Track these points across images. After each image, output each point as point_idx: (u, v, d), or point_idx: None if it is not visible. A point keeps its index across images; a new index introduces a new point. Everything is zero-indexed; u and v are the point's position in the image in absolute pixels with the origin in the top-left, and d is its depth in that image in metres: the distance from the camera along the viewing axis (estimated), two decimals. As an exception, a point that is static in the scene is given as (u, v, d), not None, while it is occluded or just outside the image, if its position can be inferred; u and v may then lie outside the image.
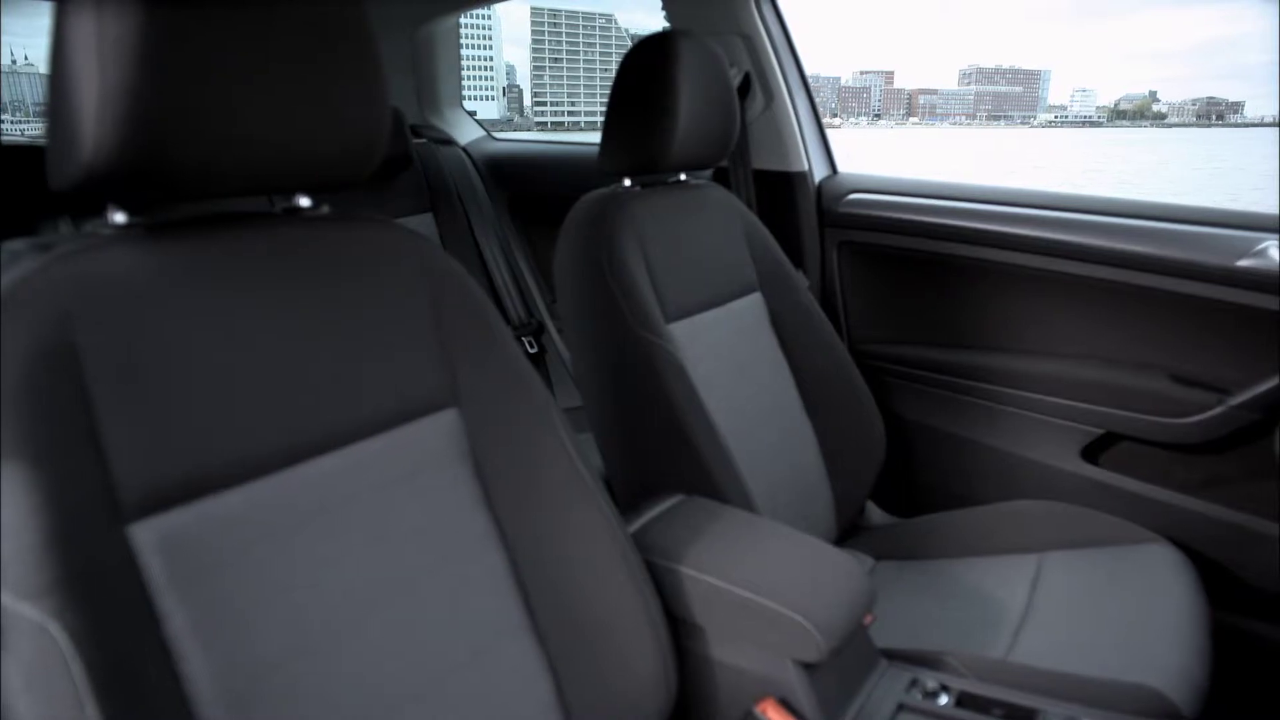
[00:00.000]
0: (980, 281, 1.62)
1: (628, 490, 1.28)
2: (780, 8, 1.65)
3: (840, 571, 0.96)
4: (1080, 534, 1.34)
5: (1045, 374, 1.55)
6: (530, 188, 2.38)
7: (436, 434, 0.83)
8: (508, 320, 1.88)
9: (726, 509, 1.09)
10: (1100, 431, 1.50)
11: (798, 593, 0.90)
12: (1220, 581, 1.30)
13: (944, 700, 0.94)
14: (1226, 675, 1.10)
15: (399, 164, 2.08)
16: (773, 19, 1.64)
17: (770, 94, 1.67)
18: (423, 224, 2.17)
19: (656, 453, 1.22)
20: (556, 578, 0.85)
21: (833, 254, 1.75)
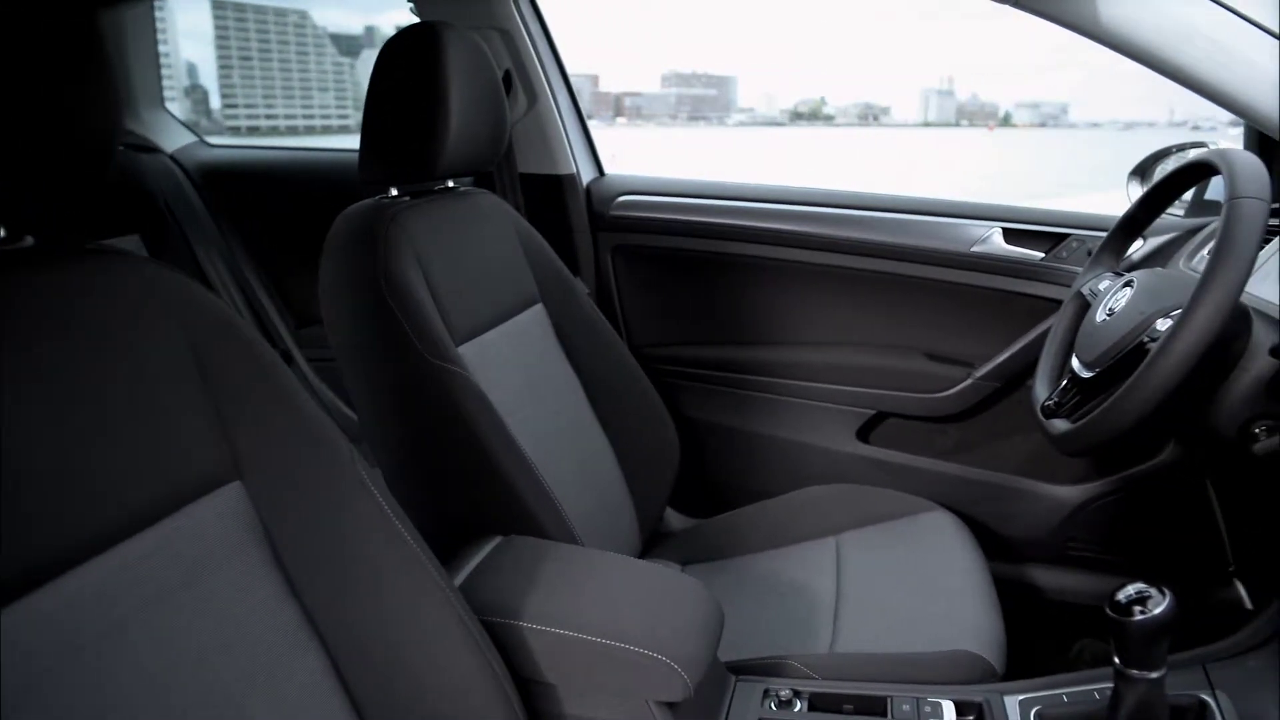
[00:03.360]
0: (752, 277, 1.66)
1: (428, 534, 1.14)
2: (538, 2, 1.56)
3: (689, 598, 0.90)
4: (869, 512, 1.41)
5: (819, 363, 1.63)
6: (261, 200, 2.08)
7: (219, 517, 0.65)
8: None
9: (553, 546, 0.99)
10: (872, 412, 1.60)
11: (652, 630, 0.83)
12: (988, 537, 1.43)
13: (799, 706, 0.93)
14: (1011, 624, 1.20)
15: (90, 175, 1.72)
16: (530, 14, 1.56)
17: (534, 93, 1.58)
18: (127, 248, 1.82)
19: (463, 490, 1.09)
20: (388, 670, 0.70)
21: (607, 258, 1.71)
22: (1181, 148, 1.47)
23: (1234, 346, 0.91)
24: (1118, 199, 1.60)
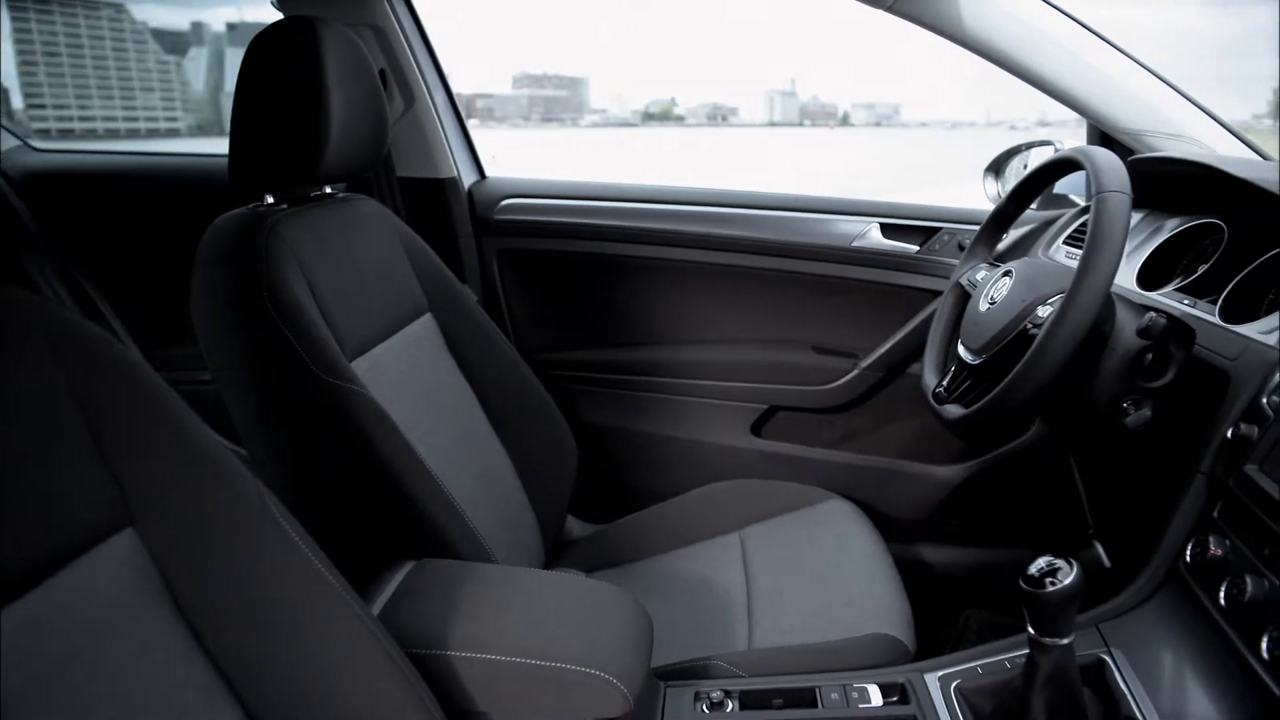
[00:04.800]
0: (640, 278, 1.66)
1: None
2: (412, -1, 1.50)
3: (618, 610, 0.89)
4: (769, 505, 1.43)
5: (711, 361, 1.65)
6: (101, 210, 1.88)
7: (112, 570, 0.58)
8: None
9: (469, 567, 0.95)
10: (765, 407, 1.64)
11: (586, 646, 0.81)
12: (879, 520, 1.49)
13: (731, 706, 0.93)
14: (913, 601, 1.26)
15: None
16: (404, 10, 1.48)
17: (411, 94, 1.51)
18: None
19: (367, 515, 1.03)
20: (315, 718, 0.65)
21: (493, 263, 1.66)
22: (1029, 145, 1.58)
23: (1103, 329, 0.99)
24: (955, 192, 1.71)
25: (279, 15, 1.51)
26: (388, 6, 1.45)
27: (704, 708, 0.93)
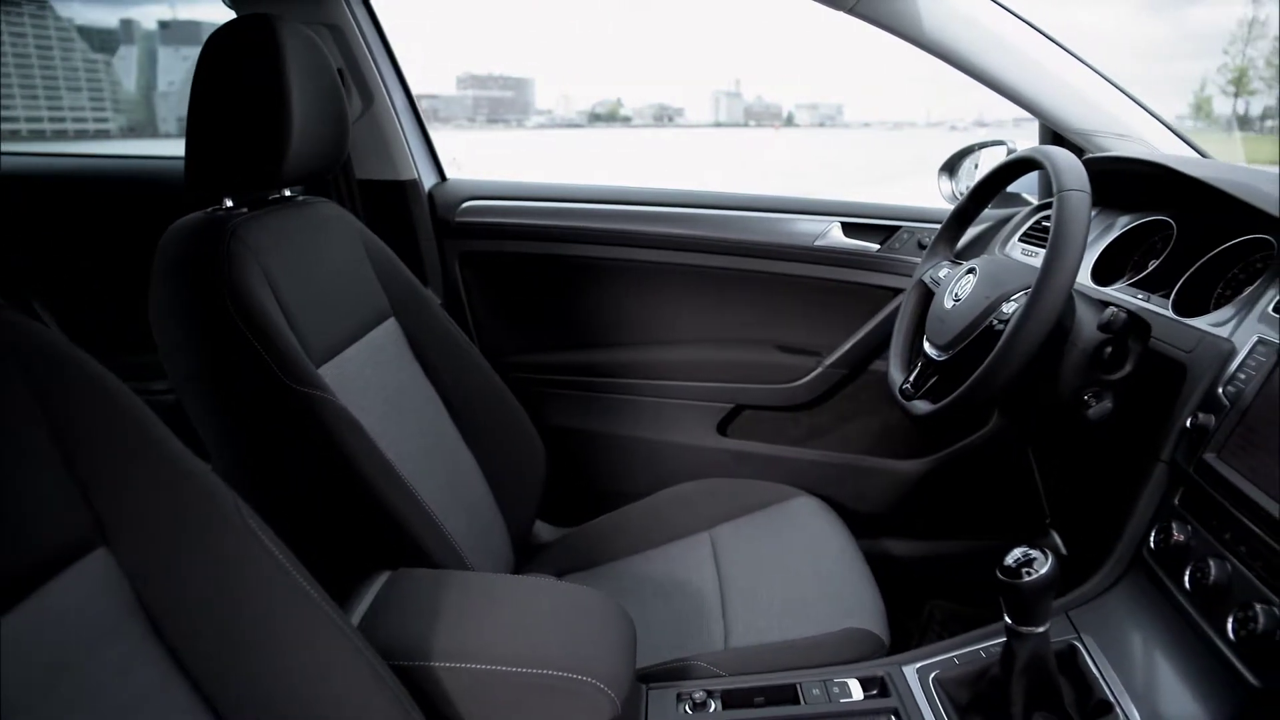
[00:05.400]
0: (604, 279, 1.65)
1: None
2: (370, -3, 1.47)
3: (601, 614, 0.88)
4: (738, 503, 1.44)
5: (677, 361, 1.65)
6: (40, 216, 1.80)
7: (85, 592, 0.55)
8: None
9: (447, 575, 0.94)
10: (730, 406, 1.65)
11: (573, 651, 0.81)
12: (846, 515, 1.51)
13: (714, 706, 0.94)
14: (881, 595, 1.28)
15: None
16: (361, 9, 1.45)
17: (369, 95, 1.48)
18: None
19: (339, 524, 1.00)
20: None
21: (455, 266, 1.64)
22: (981, 145, 1.61)
23: (1064, 324, 1.01)
24: (904, 190, 1.75)
25: (218, 13, 1.47)
26: (345, 5, 1.42)
27: (687, 709, 0.94)
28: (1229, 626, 0.76)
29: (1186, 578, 0.84)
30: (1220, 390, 0.87)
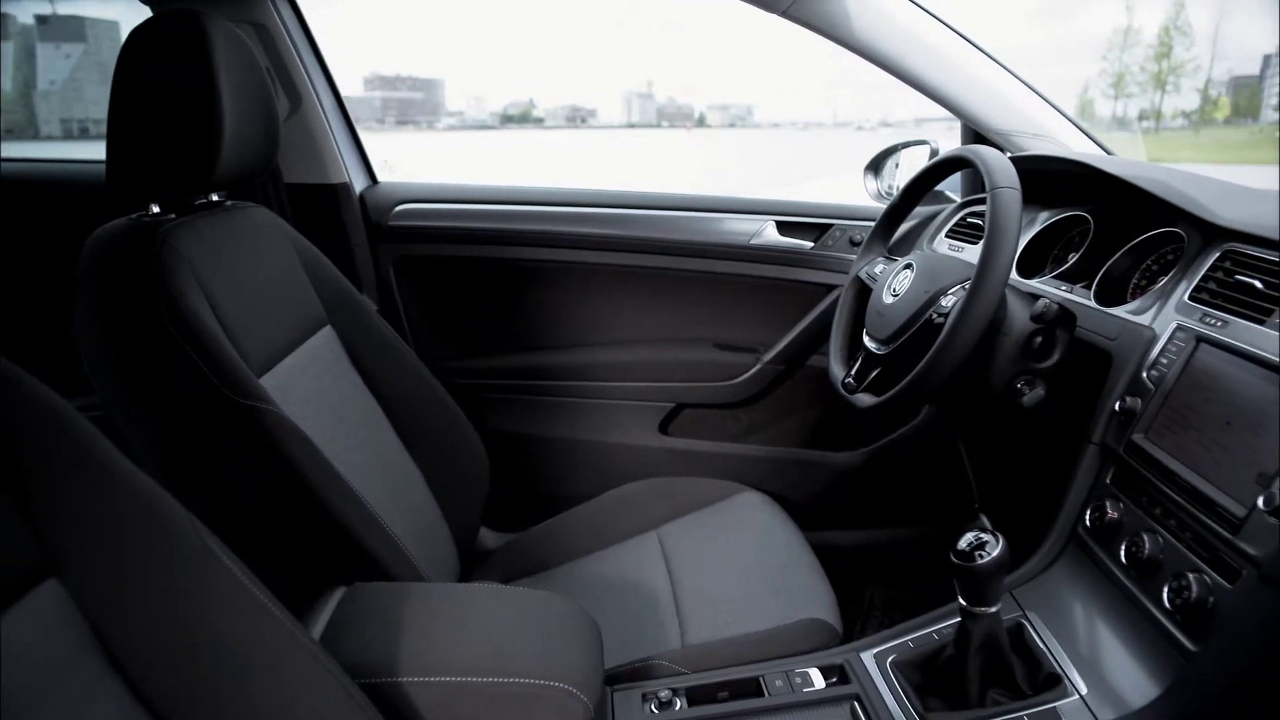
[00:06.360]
0: (541, 281, 1.64)
1: None
2: (295, -6, 1.41)
3: (566, 618, 0.88)
4: (683, 501, 1.45)
5: (616, 362, 1.65)
6: None
7: (37, 627, 0.52)
8: None
9: (406, 588, 0.92)
10: (672, 405, 1.66)
11: (542, 658, 0.80)
12: (788, 508, 1.54)
13: (679, 704, 0.94)
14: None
15: None
16: (286, 7, 1.40)
17: (297, 95, 1.43)
18: None
19: (289, 537, 0.97)
20: None
21: (389, 271, 1.60)
22: (905, 145, 1.67)
23: (998, 315, 1.06)
24: (820, 188, 1.79)
25: (104, 9, 1.40)
26: (270, 3, 1.37)
27: (653, 708, 0.94)
28: (1164, 596, 0.81)
29: (1122, 552, 0.89)
30: (1145, 375, 0.93)
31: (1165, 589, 0.81)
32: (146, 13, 1.37)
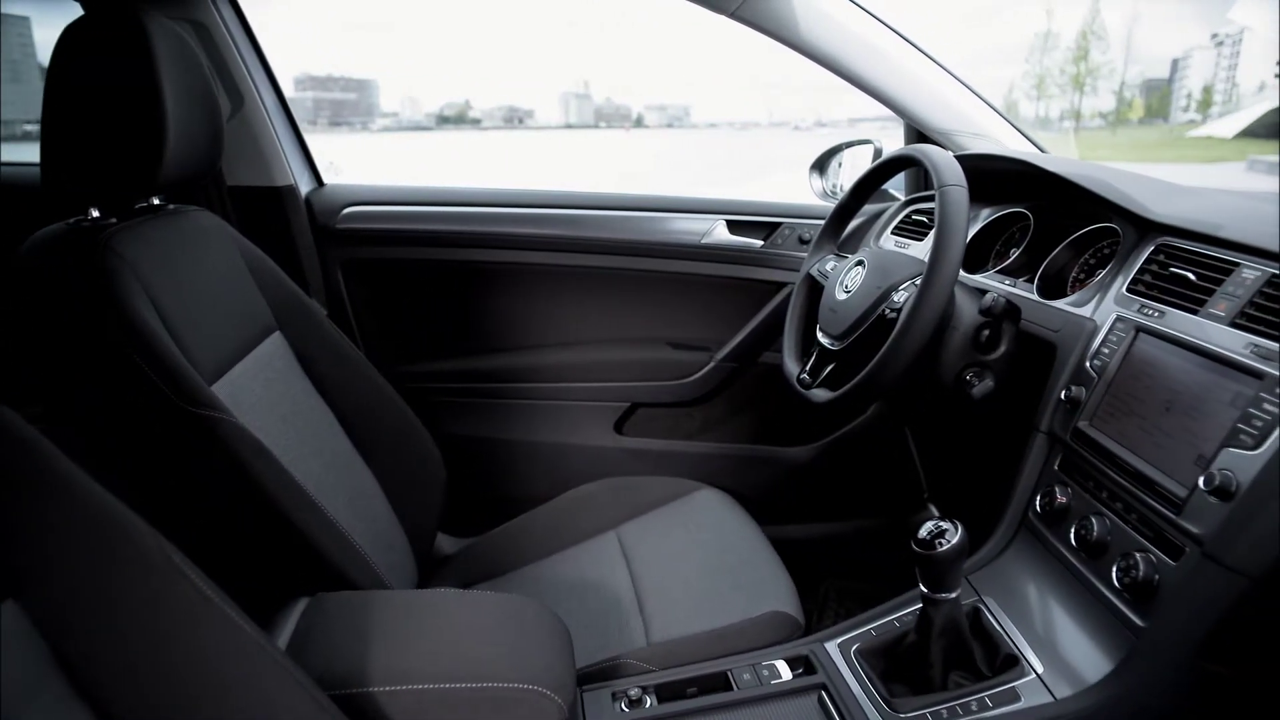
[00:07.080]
0: (492, 283, 1.63)
1: None
2: (235, -8, 1.37)
3: (536, 620, 0.87)
4: (641, 500, 1.46)
5: (570, 363, 1.65)
6: None
7: None
8: None
9: (371, 596, 0.90)
10: (626, 404, 1.66)
11: (513, 661, 0.79)
12: (747, 503, 1.56)
13: (649, 702, 0.95)
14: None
15: None
16: (227, 6, 1.36)
17: (239, 96, 1.39)
18: None
19: (248, 548, 0.94)
20: None
21: (337, 275, 1.57)
22: (849, 144, 1.71)
23: (947, 310, 1.09)
24: (761, 186, 1.81)
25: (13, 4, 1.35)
26: (210, 1, 1.33)
27: (623, 706, 0.94)
28: (1113, 575, 0.84)
29: (1071, 535, 0.92)
30: (1088, 364, 0.97)
31: (1114, 569, 0.85)
32: (66, 8, 1.31)
